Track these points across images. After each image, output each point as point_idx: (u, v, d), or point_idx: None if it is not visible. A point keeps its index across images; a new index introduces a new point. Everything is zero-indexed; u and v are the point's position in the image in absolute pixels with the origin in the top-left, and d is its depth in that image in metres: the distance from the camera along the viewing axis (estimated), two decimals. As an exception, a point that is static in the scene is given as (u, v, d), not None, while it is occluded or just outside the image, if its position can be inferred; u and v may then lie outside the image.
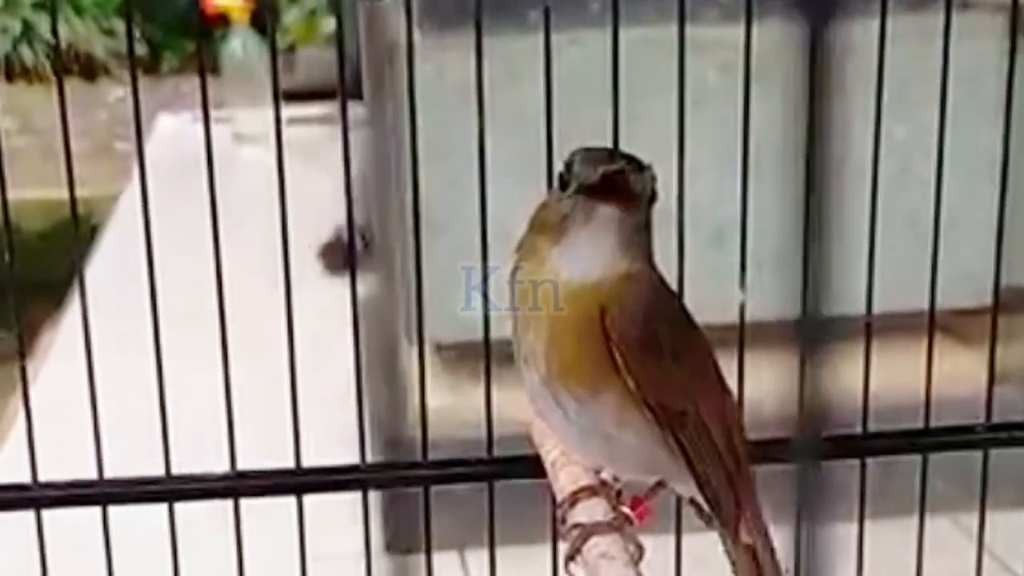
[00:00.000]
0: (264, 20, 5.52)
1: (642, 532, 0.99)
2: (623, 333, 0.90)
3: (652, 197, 0.94)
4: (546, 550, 1.17)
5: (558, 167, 1.11)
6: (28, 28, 7.08)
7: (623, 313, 0.91)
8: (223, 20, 5.43)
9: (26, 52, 7.08)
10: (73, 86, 6.69)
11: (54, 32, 1.13)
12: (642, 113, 1.17)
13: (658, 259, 0.99)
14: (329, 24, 6.33)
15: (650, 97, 1.43)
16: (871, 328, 1.21)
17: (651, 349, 0.92)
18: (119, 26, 7.27)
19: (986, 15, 2.10)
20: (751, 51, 1.15)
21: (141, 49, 6.88)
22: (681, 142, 1.16)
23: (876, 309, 1.21)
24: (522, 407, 1.04)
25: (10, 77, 7.16)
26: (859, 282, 1.15)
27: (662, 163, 0.97)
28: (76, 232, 1.16)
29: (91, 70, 7.21)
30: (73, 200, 1.13)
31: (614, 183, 0.90)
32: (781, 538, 1.02)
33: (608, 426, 0.94)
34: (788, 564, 0.38)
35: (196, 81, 1.18)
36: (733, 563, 1.04)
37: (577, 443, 0.99)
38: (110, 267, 3.12)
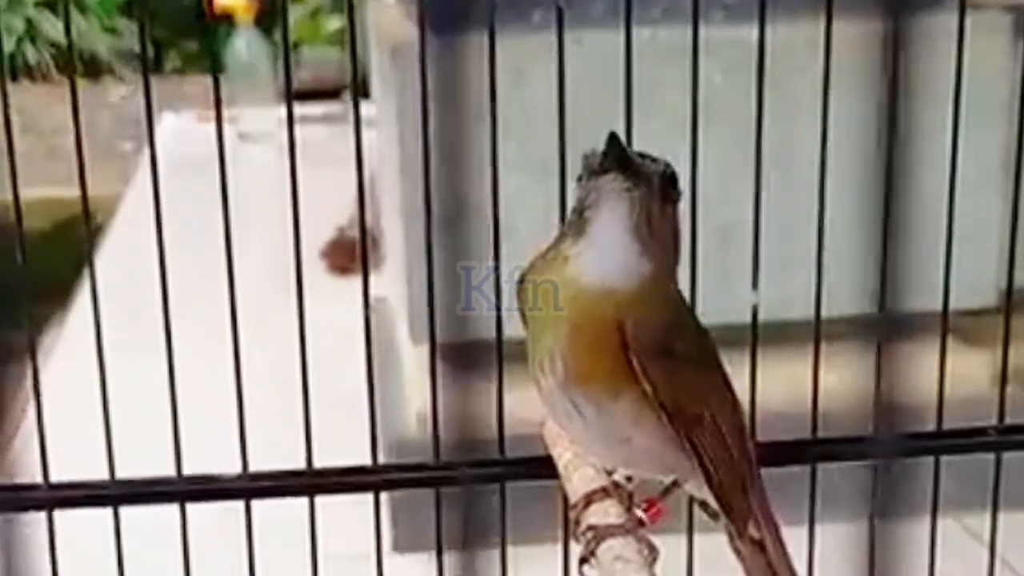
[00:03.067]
0: (268, 20, 5.53)
1: (654, 533, 0.99)
2: (641, 340, 0.93)
3: (674, 190, 0.95)
4: (557, 550, 1.16)
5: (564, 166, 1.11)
6: (31, 27, 7.08)
7: (641, 321, 0.93)
8: (227, 19, 5.43)
9: (29, 51, 7.08)
10: (77, 85, 6.67)
11: (67, 31, 1.12)
12: (645, 115, 1.17)
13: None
14: (332, 23, 6.34)
15: (654, 99, 1.42)
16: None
17: (667, 355, 0.94)
18: (123, 25, 7.27)
19: (995, 14, 2.10)
20: (764, 51, 1.15)
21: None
22: (694, 143, 1.16)
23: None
24: (534, 408, 1.04)
25: (14, 76, 7.16)
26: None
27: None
28: (88, 235, 1.16)
29: (95, 69, 7.21)
30: (86, 204, 1.13)
31: (622, 163, 0.93)
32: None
33: (625, 429, 0.96)
34: (858, 560, 0.38)
35: (199, 80, 1.18)
36: (743, 560, 1.06)
37: (595, 446, 1.01)
38: (114, 267, 3.12)
